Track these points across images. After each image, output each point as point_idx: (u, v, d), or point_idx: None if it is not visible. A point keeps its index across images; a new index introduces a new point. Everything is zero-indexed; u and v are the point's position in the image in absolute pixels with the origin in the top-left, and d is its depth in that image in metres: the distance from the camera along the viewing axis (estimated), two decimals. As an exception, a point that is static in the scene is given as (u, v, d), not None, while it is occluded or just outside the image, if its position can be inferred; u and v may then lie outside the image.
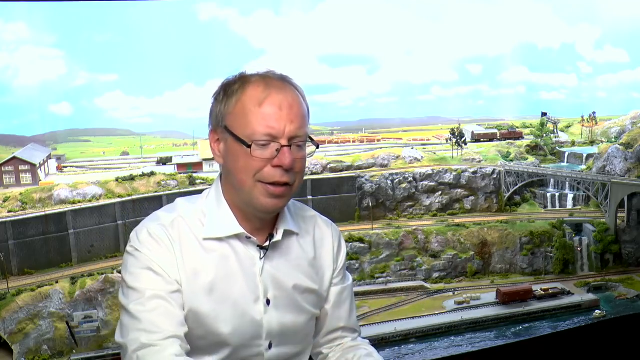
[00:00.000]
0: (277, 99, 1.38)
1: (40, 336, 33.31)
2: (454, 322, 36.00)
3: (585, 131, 55.16)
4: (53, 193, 39.71)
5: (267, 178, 1.38)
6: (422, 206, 45.34)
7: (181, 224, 1.45)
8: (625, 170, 45.67)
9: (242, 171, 1.39)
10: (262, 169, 1.38)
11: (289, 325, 1.50)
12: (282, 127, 1.37)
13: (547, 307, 37.62)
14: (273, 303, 1.47)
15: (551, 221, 43.70)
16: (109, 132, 57.01)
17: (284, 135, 1.37)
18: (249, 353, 1.47)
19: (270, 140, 1.37)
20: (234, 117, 1.40)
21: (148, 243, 1.42)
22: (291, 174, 1.40)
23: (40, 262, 36.88)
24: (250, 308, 1.45)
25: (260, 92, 1.38)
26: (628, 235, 42.48)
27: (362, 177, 44.48)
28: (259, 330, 1.46)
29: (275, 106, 1.37)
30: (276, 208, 1.43)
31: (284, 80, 1.44)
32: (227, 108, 1.41)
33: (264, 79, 1.41)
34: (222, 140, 1.44)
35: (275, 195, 1.40)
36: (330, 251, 1.61)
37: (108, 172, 45.66)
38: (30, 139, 48.69)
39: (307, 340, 1.59)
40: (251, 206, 1.43)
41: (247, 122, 1.37)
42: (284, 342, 1.51)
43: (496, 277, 42.01)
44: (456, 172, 45.90)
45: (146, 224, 1.46)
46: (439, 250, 42.40)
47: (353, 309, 1.67)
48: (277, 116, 1.37)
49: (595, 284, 40.61)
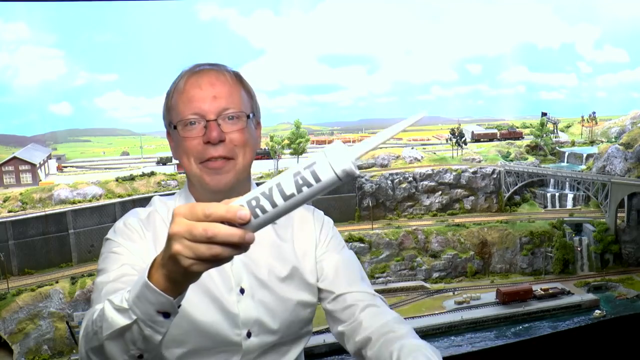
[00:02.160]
0: (197, 81, 1.43)
1: (40, 336, 33.33)
2: (454, 322, 36.03)
3: (585, 131, 55.21)
4: (53, 193, 39.72)
5: (202, 156, 1.42)
6: (422, 206, 45.36)
7: (156, 217, 1.50)
8: (625, 170, 45.69)
9: (183, 156, 1.45)
10: (197, 149, 1.42)
11: (267, 314, 1.49)
12: (206, 104, 1.41)
13: (547, 307, 37.63)
14: (248, 292, 1.47)
15: (551, 221, 43.72)
16: (109, 132, 57.13)
17: (211, 110, 1.41)
18: (225, 342, 1.46)
19: (198, 118, 1.41)
20: (170, 110, 1.47)
21: (122, 232, 1.47)
22: (227, 148, 1.43)
23: (40, 262, 36.90)
24: (224, 298, 1.45)
25: (184, 81, 1.45)
26: (628, 235, 42.50)
27: (362, 177, 44.50)
28: (234, 319, 1.46)
29: (196, 87, 1.42)
30: (221, 184, 1.44)
31: (211, 65, 1.49)
32: (165, 106, 1.49)
33: (190, 70, 1.47)
34: (172, 137, 1.50)
35: (216, 170, 1.43)
36: (312, 232, 1.60)
37: (108, 172, 45.71)
38: (30, 139, 48.79)
39: (294, 328, 1.55)
40: (204, 189, 1.47)
41: (177, 110, 1.44)
42: (265, 332, 1.49)
43: (496, 277, 42.04)
44: (456, 172, 45.92)
45: (124, 217, 1.52)
46: (439, 250, 42.42)
47: (356, 275, 1.57)
48: (199, 95, 1.41)
49: (595, 284, 40.62)
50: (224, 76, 1.46)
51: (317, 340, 31.17)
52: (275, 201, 0.91)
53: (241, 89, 1.47)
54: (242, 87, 1.48)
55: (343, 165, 0.89)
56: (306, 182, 0.90)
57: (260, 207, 0.91)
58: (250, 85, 1.53)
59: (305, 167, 0.90)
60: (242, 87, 1.48)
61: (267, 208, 0.91)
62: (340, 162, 0.89)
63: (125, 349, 1.08)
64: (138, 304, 1.03)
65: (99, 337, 1.10)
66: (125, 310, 1.05)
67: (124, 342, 1.07)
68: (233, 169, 1.45)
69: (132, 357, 1.09)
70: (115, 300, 1.07)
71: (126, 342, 1.07)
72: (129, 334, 1.06)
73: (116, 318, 1.06)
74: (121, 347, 1.08)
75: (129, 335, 1.06)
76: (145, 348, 1.07)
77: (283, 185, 0.90)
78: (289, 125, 53.72)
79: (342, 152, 0.90)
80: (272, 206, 0.91)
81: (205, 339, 1.45)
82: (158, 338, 1.06)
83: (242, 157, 1.46)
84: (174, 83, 1.48)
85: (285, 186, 0.90)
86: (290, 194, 0.90)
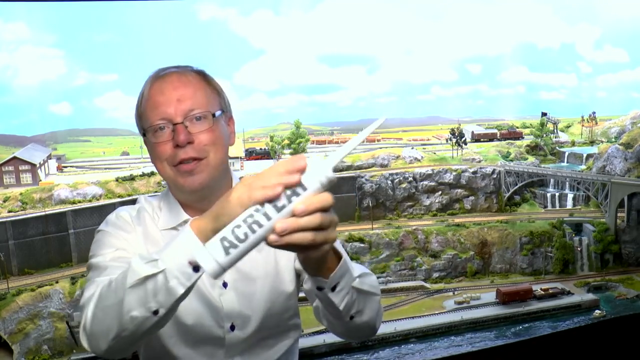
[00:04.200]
0: (159, 86, 1.45)
1: (40, 336, 33.34)
2: (454, 322, 36.02)
3: (585, 131, 55.21)
4: (53, 193, 39.72)
5: (174, 159, 1.44)
6: (422, 206, 45.36)
7: (145, 215, 1.54)
8: (625, 170, 45.69)
9: (157, 162, 1.48)
10: (167, 153, 1.44)
11: (250, 307, 1.50)
12: (171, 107, 1.42)
13: (547, 307, 37.63)
14: (231, 285, 1.49)
15: (551, 221, 43.72)
16: (109, 132, 57.13)
17: (176, 113, 1.43)
18: (209, 336, 1.48)
19: (165, 123, 1.43)
20: (139, 118, 1.49)
21: (114, 224, 1.51)
22: (197, 148, 1.43)
23: (40, 262, 36.91)
24: (207, 291, 1.47)
25: (149, 88, 1.46)
26: (628, 235, 42.50)
27: (362, 177, 44.50)
28: (218, 312, 1.47)
29: (159, 92, 1.44)
30: (195, 185, 1.46)
31: (175, 68, 1.50)
32: (137, 116, 1.50)
33: (154, 76, 1.49)
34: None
35: (188, 172, 1.44)
36: None
37: (108, 172, 45.70)
38: (30, 139, 48.77)
39: (279, 320, 1.56)
40: (179, 191, 1.50)
41: (145, 116, 1.46)
42: (249, 325, 1.50)
43: (496, 277, 42.03)
44: (456, 172, 45.92)
45: (115, 211, 1.57)
46: (439, 250, 42.42)
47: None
48: (163, 100, 1.43)
49: (595, 284, 40.62)
50: (186, 77, 1.47)
51: (317, 340, 31.17)
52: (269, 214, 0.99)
53: (206, 88, 1.48)
54: (207, 86, 1.49)
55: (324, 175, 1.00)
56: (294, 193, 0.99)
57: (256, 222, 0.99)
58: (216, 82, 1.54)
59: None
60: (208, 86, 1.49)
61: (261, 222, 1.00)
62: (322, 171, 1.00)
63: (145, 301, 1.12)
64: (170, 253, 1.09)
65: (118, 293, 1.15)
66: (154, 260, 1.10)
67: (146, 293, 1.11)
68: (206, 169, 1.45)
69: (148, 310, 1.12)
70: (143, 255, 1.14)
71: (147, 294, 1.11)
72: (152, 282, 1.10)
73: (143, 267, 1.11)
74: (141, 298, 1.12)
75: (152, 284, 1.10)
76: (165, 301, 1.11)
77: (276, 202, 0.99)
78: (289, 125, 53.72)
79: (322, 162, 1.01)
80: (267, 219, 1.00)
81: (188, 333, 1.47)
82: (180, 291, 1.10)
83: (213, 155, 1.46)
84: (141, 90, 1.49)
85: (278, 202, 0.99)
86: (280, 206, 0.99)
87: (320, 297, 1.31)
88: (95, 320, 1.20)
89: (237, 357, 1.52)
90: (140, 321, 1.13)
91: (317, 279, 1.24)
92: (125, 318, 1.14)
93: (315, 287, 1.27)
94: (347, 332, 1.46)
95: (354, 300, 1.32)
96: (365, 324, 1.40)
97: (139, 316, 1.13)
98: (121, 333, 1.16)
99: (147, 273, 1.10)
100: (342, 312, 1.31)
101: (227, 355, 1.51)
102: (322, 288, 1.25)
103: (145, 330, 1.16)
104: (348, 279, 1.28)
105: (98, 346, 1.21)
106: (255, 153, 48.87)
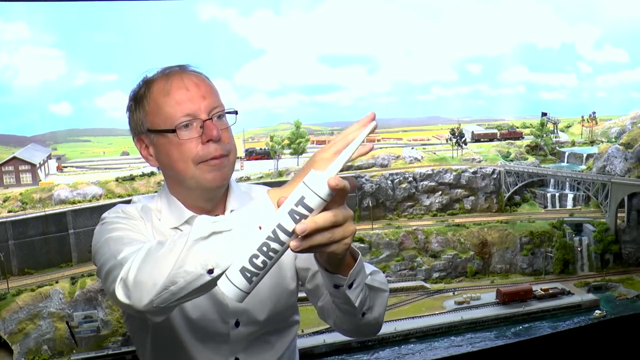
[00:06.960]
0: (180, 83, 1.44)
1: (40, 336, 33.32)
2: (454, 322, 36.01)
3: (585, 131, 55.17)
4: (53, 193, 39.71)
5: (205, 156, 1.43)
6: (422, 206, 45.35)
7: (149, 212, 1.53)
8: (625, 170, 45.68)
9: (178, 161, 1.44)
10: (196, 150, 1.43)
11: (255, 303, 1.50)
12: (197, 104, 1.43)
13: (547, 307, 37.62)
14: None
15: (551, 221, 43.71)
16: (109, 132, 57.01)
17: (202, 110, 1.43)
18: (214, 332, 1.49)
19: (191, 120, 1.42)
20: (151, 116, 1.45)
21: (119, 215, 1.48)
22: (223, 145, 1.45)
23: (40, 262, 36.89)
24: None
25: (164, 83, 1.44)
26: (628, 235, 42.49)
27: (362, 177, 44.49)
28: (223, 309, 1.48)
29: (182, 89, 1.43)
30: (221, 180, 1.47)
31: (183, 67, 1.50)
32: (142, 112, 1.47)
33: (164, 72, 1.48)
34: (149, 144, 1.49)
35: (217, 167, 1.44)
36: None
37: (108, 172, 45.67)
38: (30, 139, 48.68)
39: (281, 317, 1.58)
40: (199, 188, 1.47)
41: (164, 114, 1.43)
42: (253, 321, 1.52)
43: (496, 277, 42.02)
44: (456, 172, 45.91)
45: (116, 206, 1.54)
46: (439, 250, 42.41)
47: None
48: (188, 96, 1.43)
49: (595, 284, 40.61)
50: (202, 76, 1.49)
51: (317, 340, 31.16)
52: (282, 240, 1.04)
53: (215, 88, 1.51)
54: (214, 86, 1.51)
55: (325, 189, 1.04)
56: (302, 215, 1.03)
57: (272, 249, 1.04)
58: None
59: (297, 203, 1.03)
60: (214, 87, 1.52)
61: (277, 248, 1.05)
62: (321, 188, 1.03)
63: (204, 257, 1.11)
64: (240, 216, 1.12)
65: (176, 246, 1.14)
66: (224, 220, 1.12)
67: (207, 249, 1.11)
68: (228, 165, 1.48)
69: (204, 268, 1.11)
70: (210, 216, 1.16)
71: (209, 250, 1.11)
72: (219, 238, 1.11)
73: (210, 225, 1.12)
74: (201, 254, 1.11)
75: (217, 241, 1.11)
76: (223, 262, 1.10)
77: (283, 224, 1.03)
78: (289, 125, 53.62)
79: (320, 178, 1.03)
80: (281, 245, 1.05)
81: (195, 327, 1.48)
82: None
83: (233, 153, 1.49)
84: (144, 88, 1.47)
85: (286, 225, 1.03)
86: (292, 231, 1.03)
87: (336, 295, 1.32)
88: (141, 271, 1.17)
89: (241, 353, 1.53)
90: (192, 278, 1.12)
91: (336, 277, 1.26)
92: (179, 271, 1.13)
93: (332, 285, 1.28)
94: (356, 329, 1.49)
95: (366, 296, 1.36)
96: (375, 320, 1.46)
97: (193, 272, 1.12)
98: (169, 286, 1.14)
99: (215, 229, 1.11)
100: (357, 308, 1.33)
101: (231, 351, 1.52)
102: (340, 286, 1.27)
103: (192, 290, 1.14)
104: (363, 275, 1.31)
105: (140, 298, 1.17)
106: (255, 153, 48.85)
